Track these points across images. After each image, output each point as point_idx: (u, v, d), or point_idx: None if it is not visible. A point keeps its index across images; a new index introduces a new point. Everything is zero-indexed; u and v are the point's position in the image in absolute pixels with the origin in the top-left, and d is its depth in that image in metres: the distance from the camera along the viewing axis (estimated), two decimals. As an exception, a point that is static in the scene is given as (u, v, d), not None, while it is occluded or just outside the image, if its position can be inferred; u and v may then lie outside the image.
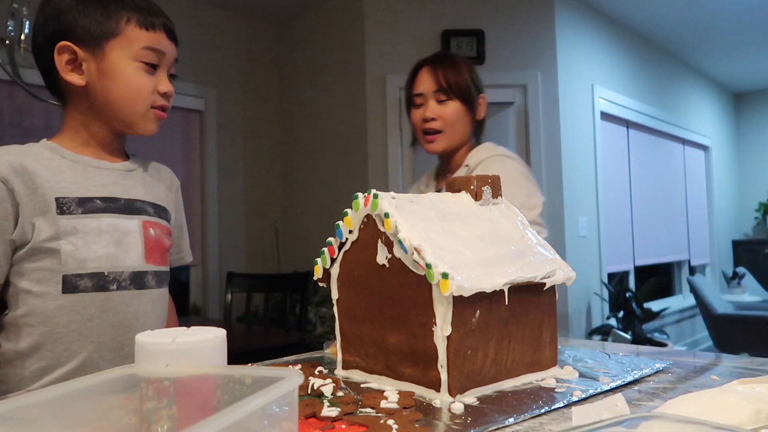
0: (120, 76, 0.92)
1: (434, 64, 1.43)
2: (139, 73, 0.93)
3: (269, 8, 3.82)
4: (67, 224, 0.89)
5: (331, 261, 0.87)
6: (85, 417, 0.48)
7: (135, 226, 0.96)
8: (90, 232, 0.91)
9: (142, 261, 0.97)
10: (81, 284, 0.90)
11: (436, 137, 1.41)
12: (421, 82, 1.42)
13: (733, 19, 4.27)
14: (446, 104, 1.40)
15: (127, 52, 0.91)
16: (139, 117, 0.95)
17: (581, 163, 3.70)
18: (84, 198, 0.92)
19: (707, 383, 0.75)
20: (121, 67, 0.91)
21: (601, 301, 3.81)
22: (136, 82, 0.92)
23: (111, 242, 0.92)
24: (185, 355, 0.55)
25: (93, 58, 0.91)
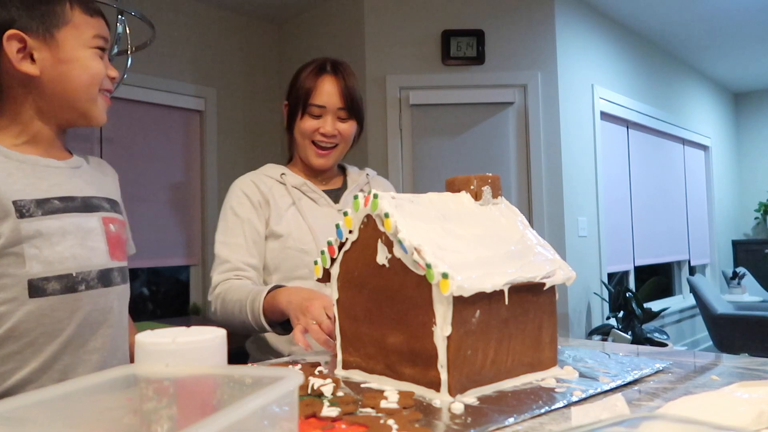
0: (79, 62, 0.91)
1: (338, 76, 1.35)
2: (95, 59, 0.93)
3: (269, 8, 3.82)
4: (29, 227, 0.86)
5: (331, 261, 0.87)
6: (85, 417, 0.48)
7: (95, 223, 0.95)
8: (54, 233, 0.88)
9: (108, 258, 0.96)
10: (48, 287, 0.87)
11: (329, 152, 1.35)
12: (325, 93, 1.32)
13: (733, 19, 4.27)
14: (345, 122, 1.35)
15: (80, 39, 0.92)
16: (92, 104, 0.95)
17: (581, 163, 3.70)
18: (41, 199, 0.89)
19: (707, 383, 0.75)
20: (79, 54, 0.91)
21: (601, 301, 3.81)
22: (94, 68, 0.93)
23: (76, 242, 0.91)
24: (185, 355, 0.55)
25: (46, 47, 0.90)
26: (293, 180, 1.36)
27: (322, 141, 1.34)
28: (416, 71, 3.38)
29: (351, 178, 1.46)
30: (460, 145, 3.39)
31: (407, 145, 3.36)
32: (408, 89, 3.35)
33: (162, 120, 3.48)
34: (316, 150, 1.34)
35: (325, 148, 1.34)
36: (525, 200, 3.40)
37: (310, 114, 1.33)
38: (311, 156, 1.35)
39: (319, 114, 1.33)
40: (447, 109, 3.39)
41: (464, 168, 3.31)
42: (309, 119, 1.33)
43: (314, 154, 1.35)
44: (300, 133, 1.35)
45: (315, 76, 1.34)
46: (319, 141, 1.34)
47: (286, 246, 1.28)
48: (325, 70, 1.35)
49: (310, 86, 1.33)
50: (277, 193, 1.34)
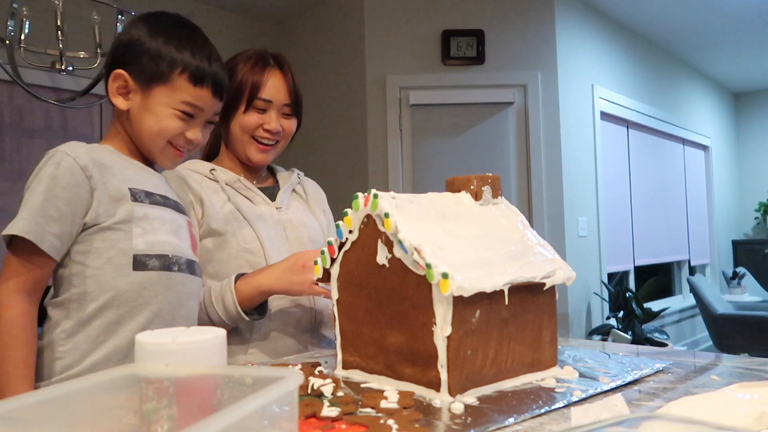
0: (155, 116, 1.01)
1: (284, 71, 1.30)
2: (172, 119, 1.02)
3: (269, 8, 3.82)
4: (139, 210, 0.99)
5: (331, 261, 0.87)
6: (85, 417, 0.48)
7: (184, 222, 1.08)
8: (156, 219, 1.01)
9: (191, 252, 1.08)
10: (149, 263, 0.99)
11: (270, 148, 1.29)
12: (272, 88, 1.27)
13: (733, 19, 4.27)
14: (289, 119, 1.30)
15: (168, 100, 1.01)
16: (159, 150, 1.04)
17: (581, 163, 3.70)
18: (149, 191, 1.03)
19: (707, 383, 0.75)
20: (159, 110, 1.01)
21: (601, 301, 3.81)
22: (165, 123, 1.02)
23: (171, 231, 1.03)
24: (185, 355, 0.55)
25: (140, 93, 1.01)
26: (225, 176, 1.28)
27: (264, 137, 1.27)
28: (416, 71, 3.38)
29: (281, 177, 1.40)
30: (460, 145, 3.39)
31: (407, 145, 3.36)
32: (408, 89, 3.35)
33: (162, 120, 3.48)
34: (257, 146, 1.28)
35: (266, 144, 1.28)
36: (525, 200, 3.40)
37: (255, 108, 1.26)
38: (252, 152, 1.28)
39: (264, 108, 1.27)
40: (447, 109, 3.39)
41: (464, 168, 3.31)
42: (253, 113, 1.26)
43: (255, 149, 1.28)
44: (240, 127, 1.27)
45: (261, 69, 1.29)
46: (260, 137, 1.27)
47: (227, 245, 1.22)
48: (269, 63, 1.30)
49: (256, 79, 1.27)
50: (209, 189, 1.25)
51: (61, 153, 0.94)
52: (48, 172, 0.93)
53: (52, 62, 2.52)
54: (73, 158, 0.94)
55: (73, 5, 2.65)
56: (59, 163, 0.93)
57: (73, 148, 0.96)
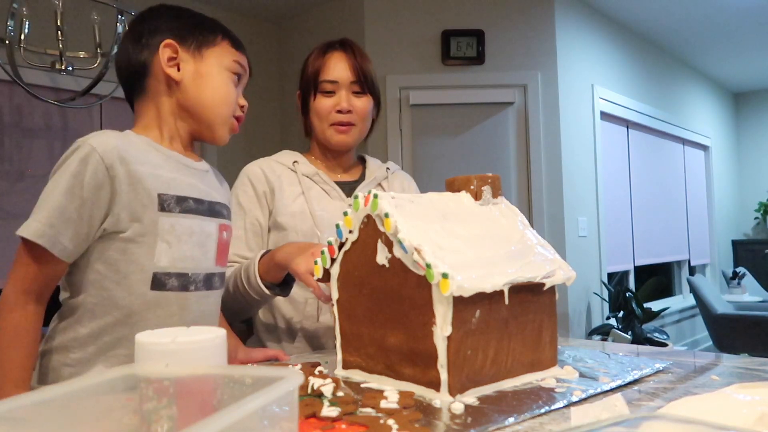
0: (213, 79, 1.00)
1: (347, 51, 1.29)
2: (228, 82, 1.02)
3: (269, 8, 3.82)
4: (166, 222, 0.92)
5: (331, 261, 0.87)
6: (85, 417, 0.48)
7: (214, 229, 1.01)
8: (184, 232, 0.95)
9: (213, 264, 1.01)
10: (168, 282, 0.93)
11: (349, 129, 1.29)
12: (335, 68, 1.27)
13: (733, 19, 4.27)
14: (360, 98, 1.29)
15: (221, 60, 1.02)
16: (222, 121, 1.02)
17: (581, 163, 3.70)
18: (181, 197, 0.96)
19: (707, 383, 0.75)
20: (215, 72, 1.01)
21: (601, 301, 3.81)
22: (226, 89, 1.02)
23: (197, 244, 0.97)
24: (185, 355, 0.55)
25: (192, 59, 1.00)
26: (305, 169, 1.30)
27: (337, 119, 1.27)
28: (416, 71, 3.38)
29: (370, 170, 1.38)
30: (460, 145, 3.39)
31: (407, 145, 3.36)
32: (408, 89, 3.35)
33: (162, 120, 3.48)
34: (335, 128, 1.28)
35: (342, 125, 1.28)
36: (525, 200, 3.40)
37: (323, 92, 1.28)
38: (330, 135, 1.29)
39: (332, 90, 1.27)
40: (447, 109, 3.39)
41: (464, 168, 3.31)
42: (322, 98, 1.28)
43: (333, 132, 1.28)
44: (316, 115, 1.29)
45: (323, 53, 1.30)
46: (335, 119, 1.28)
47: (288, 240, 1.23)
48: (333, 47, 1.30)
49: (318, 64, 1.28)
50: (286, 181, 1.28)
51: (88, 147, 0.88)
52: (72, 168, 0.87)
53: (52, 62, 2.52)
54: (100, 155, 0.87)
55: (73, 5, 2.65)
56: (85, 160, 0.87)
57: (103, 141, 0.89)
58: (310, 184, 1.29)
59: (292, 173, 1.30)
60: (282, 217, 1.25)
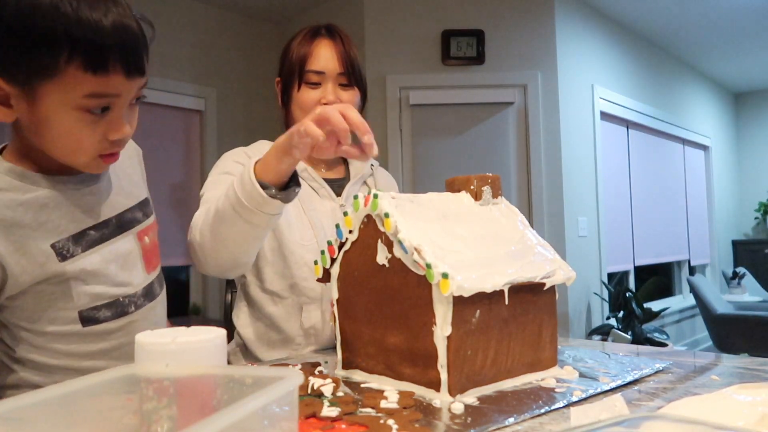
0: (56, 126, 0.74)
1: (335, 39, 1.20)
2: (81, 123, 0.74)
3: (269, 8, 3.82)
4: (73, 267, 0.81)
5: (331, 261, 0.87)
6: (85, 417, 0.48)
7: (131, 243, 0.90)
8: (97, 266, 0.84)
9: (145, 274, 0.93)
10: (100, 315, 0.85)
11: None
12: (322, 58, 1.18)
13: (733, 19, 4.27)
14: (347, 90, 1.19)
15: (64, 98, 0.72)
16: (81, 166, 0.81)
17: (581, 163, 3.70)
18: (77, 234, 0.82)
19: (707, 383, 0.75)
20: (57, 117, 0.73)
21: (601, 301, 3.81)
22: (76, 137, 0.75)
23: (117, 269, 0.86)
24: (185, 355, 0.55)
25: (23, 98, 0.73)
26: None
27: None
28: (416, 71, 3.38)
29: (354, 167, 1.31)
30: (460, 145, 3.39)
31: (407, 145, 3.36)
32: (408, 89, 3.35)
33: (162, 120, 3.48)
34: None
35: None
36: (525, 200, 3.40)
37: (308, 83, 1.18)
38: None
39: (318, 81, 1.18)
40: (447, 109, 3.39)
41: (464, 168, 3.31)
42: (307, 90, 1.18)
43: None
44: (299, 107, 1.19)
45: (309, 41, 1.20)
46: None
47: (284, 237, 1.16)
48: (320, 33, 1.21)
49: (304, 52, 1.18)
50: None
51: None
52: None
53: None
54: None
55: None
56: None
57: None
58: None
59: None
60: None
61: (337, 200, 1.25)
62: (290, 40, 1.25)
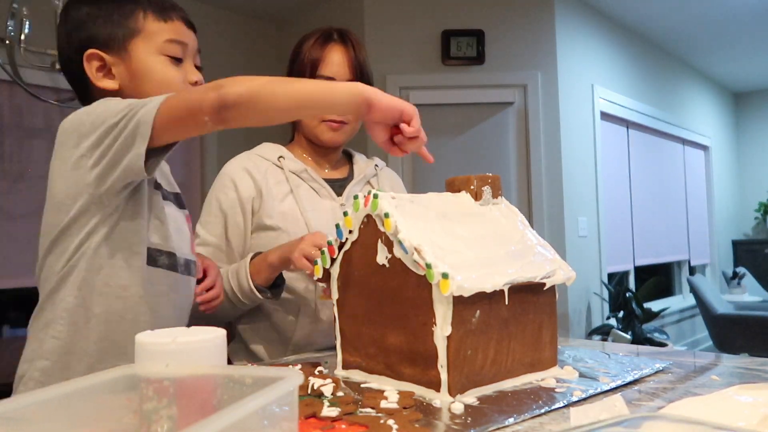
0: (149, 73, 0.91)
1: (347, 44, 1.23)
2: (167, 66, 0.93)
3: (269, 8, 3.82)
4: (157, 200, 0.91)
5: (331, 261, 0.87)
6: (85, 417, 0.48)
7: (182, 218, 1.01)
8: (167, 215, 0.93)
9: (189, 250, 1.00)
10: (160, 260, 0.91)
11: (341, 126, 1.23)
12: (333, 64, 1.22)
13: (733, 19, 4.27)
14: None
15: (150, 47, 0.91)
16: None
17: (581, 163, 3.70)
18: (157, 183, 0.94)
19: (707, 383, 0.75)
20: (149, 64, 0.91)
21: (601, 301, 3.81)
22: (166, 77, 0.92)
23: (176, 229, 0.95)
24: (185, 355, 0.55)
25: (121, 61, 0.91)
26: (292, 165, 1.24)
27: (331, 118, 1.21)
28: (416, 71, 3.38)
29: (358, 167, 1.33)
30: (460, 145, 3.39)
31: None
32: (408, 89, 3.35)
33: (162, 120, 3.48)
34: (326, 124, 1.22)
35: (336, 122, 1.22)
36: (525, 200, 3.40)
37: None
38: (321, 132, 1.23)
39: None
40: (447, 109, 3.39)
41: (464, 168, 3.31)
42: None
43: (325, 128, 1.22)
44: None
45: (321, 45, 1.23)
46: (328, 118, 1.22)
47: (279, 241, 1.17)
48: (332, 38, 1.24)
49: (316, 56, 1.22)
50: (273, 179, 1.22)
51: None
52: None
53: (52, 62, 2.53)
54: None
55: (73, 5, 2.65)
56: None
57: None
58: (297, 182, 1.23)
59: (278, 169, 1.23)
60: (271, 219, 1.19)
61: (337, 200, 1.25)
62: (301, 41, 1.27)
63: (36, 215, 0.93)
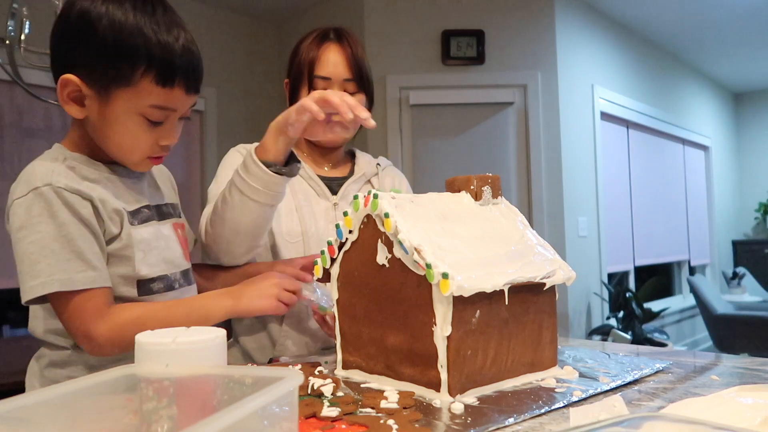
0: (119, 128, 0.86)
1: (343, 43, 1.22)
2: (141, 128, 0.87)
3: (269, 8, 3.82)
4: (136, 234, 0.90)
5: (331, 261, 0.87)
6: (85, 417, 0.48)
7: (169, 230, 0.99)
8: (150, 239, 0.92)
9: (184, 260, 1.01)
10: (154, 287, 0.92)
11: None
12: (329, 63, 1.20)
13: (733, 19, 4.27)
14: (353, 95, 1.20)
15: (133, 104, 0.85)
16: (132, 164, 0.92)
17: (581, 163, 3.70)
18: (133, 210, 0.92)
19: (707, 383, 0.75)
20: (123, 119, 0.85)
21: (601, 301, 3.81)
22: (134, 138, 0.87)
23: (165, 248, 0.95)
24: (185, 355, 0.55)
25: (96, 99, 0.85)
26: None
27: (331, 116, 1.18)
28: (416, 71, 3.38)
29: (359, 166, 1.31)
30: (460, 145, 3.39)
31: (407, 145, 3.36)
32: (408, 89, 3.35)
33: (162, 120, 3.48)
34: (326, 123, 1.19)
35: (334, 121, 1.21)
36: (525, 200, 3.40)
37: (315, 88, 1.19)
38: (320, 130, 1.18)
39: (324, 87, 1.19)
40: (447, 109, 3.39)
41: (464, 168, 3.31)
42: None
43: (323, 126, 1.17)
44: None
45: (318, 45, 1.22)
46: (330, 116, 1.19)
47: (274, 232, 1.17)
48: (329, 38, 1.23)
49: (313, 56, 1.21)
50: None
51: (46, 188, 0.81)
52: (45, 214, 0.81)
53: (52, 62, 2.52)
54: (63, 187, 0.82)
55: (73, 5, 2.65)
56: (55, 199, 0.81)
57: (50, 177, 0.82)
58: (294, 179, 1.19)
59: None
60: None
61: (332, 199, 1.25)
62: (299, 41, 1.27)
63: (36, 215, 0.93)
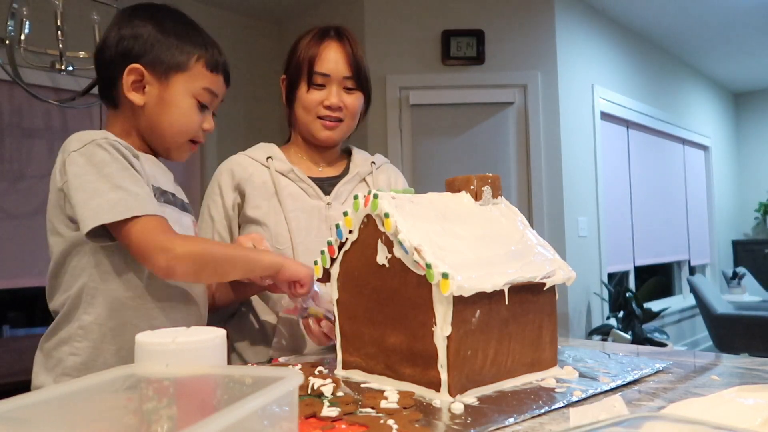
0: (176, 109, 0.99)
1: (343, 41, 1.23)
2: (193, 109, 1.00)
3: (269, 8, 3.82)
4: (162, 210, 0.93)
5: (331, 261, 0.87)
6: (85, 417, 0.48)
7: (189, 222, 1.06)
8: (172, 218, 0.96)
9: None
10: None
11: (336, 125, 1.23)
12: (330, 60, 1.21)
13: (732, 19, 4.27)
14: (351, 94, 1.23)
15: (188, 87, 0.99)
16: (176, 147, 1.03)
17: (581, 163, 3.70)
18: (163, 190, 0.99)
19: (707, 383, 0.75)
20: (179, 101, 0.99)
21: (601, 301, 3.81)
22: (187, 118, 1.00)
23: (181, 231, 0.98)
24: (185, 355, 0.55)
25: (157, 84, 0.98)
26: (279, 165, 1.23)
27: (326, 114, 1.21)
28: (416, 71, 3.38)
29: (354, 164, 1.31)
30: (460, 145, 3.39)
31: (407, 145, 3.36)
32: (408, 89, 3.35)
33: (162, 120, 3.48)
34: (322, 122, 1.22)
35: (331, 121, 1.22)
36: (525, 200, 3.40)
37: (314, 84, 1.21)
38: (316, 130, 1.23)
39: (323, 84, 1.21)
40: (447, 109, 3.39)
41: (464, 168, 3.31)
42: (312, 91, 1.21)
43: (320, 127, 1.22)
44: (303, 107, 1.22)
45: (317, 42, 1.22)
46: (323, 114, 1.21)
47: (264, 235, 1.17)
48: (328, 35, 1.23)
49: (312, 53, 1.21)
50: (258, 179, 1.21)
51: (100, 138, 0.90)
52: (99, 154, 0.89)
53: (52, 62, 2.52)
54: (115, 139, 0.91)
55: (73, 5, 2.65)
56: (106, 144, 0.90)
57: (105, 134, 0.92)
58: (284, 183, 1.22)
59: (265, 170, 1.23)
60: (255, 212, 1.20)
61: (324, 199, 1.24)
62: (299, 38, 1.26)
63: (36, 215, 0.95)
